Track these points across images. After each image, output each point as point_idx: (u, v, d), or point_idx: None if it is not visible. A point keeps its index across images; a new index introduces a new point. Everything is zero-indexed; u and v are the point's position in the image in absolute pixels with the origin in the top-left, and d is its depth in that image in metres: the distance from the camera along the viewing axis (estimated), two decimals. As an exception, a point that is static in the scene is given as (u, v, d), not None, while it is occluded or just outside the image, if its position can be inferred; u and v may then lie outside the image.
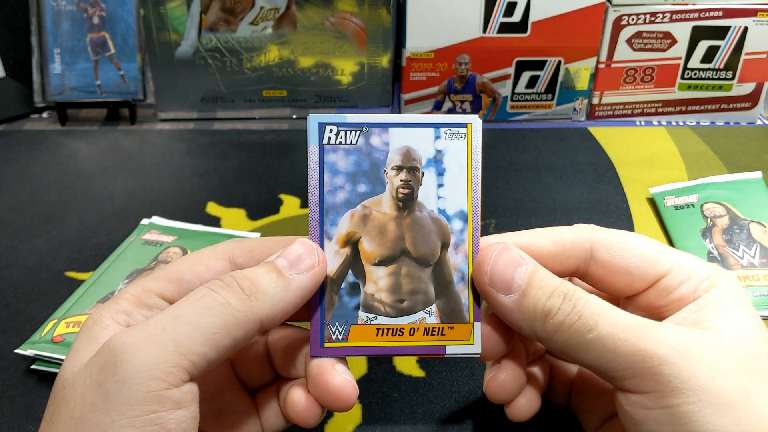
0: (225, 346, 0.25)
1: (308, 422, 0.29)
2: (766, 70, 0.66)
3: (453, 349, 0.29)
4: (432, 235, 0.29)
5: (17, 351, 0.39)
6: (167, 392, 0.23)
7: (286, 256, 0.27)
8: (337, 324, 0.29)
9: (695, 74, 0.66)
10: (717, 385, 0.24)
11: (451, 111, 0.68)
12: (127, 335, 0.24)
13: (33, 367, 0.39)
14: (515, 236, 0.30)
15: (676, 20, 0.63)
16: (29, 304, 0.44)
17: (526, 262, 0.28)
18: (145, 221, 0.51)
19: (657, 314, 0.29)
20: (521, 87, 0.67)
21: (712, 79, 0.66)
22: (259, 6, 0.64)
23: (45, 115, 0.70)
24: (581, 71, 0.66)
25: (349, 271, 0.29)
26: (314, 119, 0.29)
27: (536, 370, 0.33)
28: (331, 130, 0.29)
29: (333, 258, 0.29)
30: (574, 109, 0.68)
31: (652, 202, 0.54)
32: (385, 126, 0.29)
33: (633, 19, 0.63)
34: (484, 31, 0.64)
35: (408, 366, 0.40)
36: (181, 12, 0.64)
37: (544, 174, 0.59)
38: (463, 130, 0.29)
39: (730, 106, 0.68)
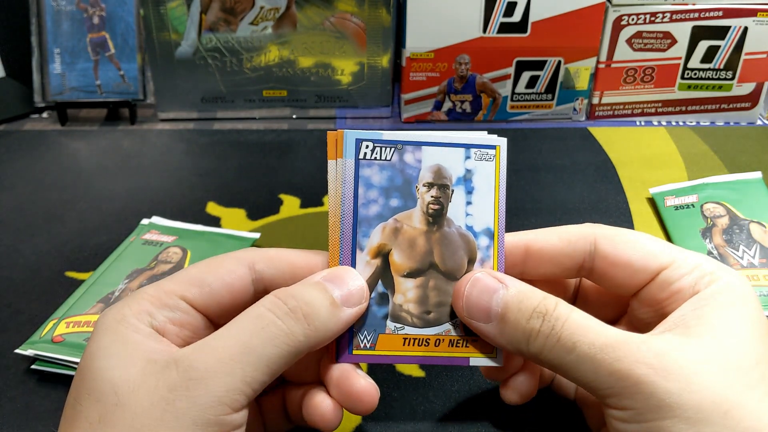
0: (279, 372, 0.26)
1: (332, 425, 0.29)
2: (766, 70, 0.66)
3: (476, 361, 0.30)
4: (459, 251, 0.30)
5: (17, 351, 0.39)
6: (229, 417, 0.25)
7: (337, 284, 0.28)
8: (365, 332, 0.30)
9: (695, 74, 0.66)
10: (694, 400, 0.24)
11: (451, 111, 0.68)
12: (198, 359, 0.25)
13: (33, 367, 0.39)
14: (522, 234, 0.31)
15: (676, 20, 0.63)
16: (29, 304, 0.44)
17: (503, 284, 0.28)
18: (145, 221, 0.51)
19: (661, 309, 0.29)
20: (521, 87, 0.67)
21: (712, 79, 0.66)
22: (259, 6, 0.64)
23: (45, 115, 0.70)
24: (581, 71, 0.66)
25: (379, 282, 0.30)
26: (352, 135, 0.30)
27: None
28: (367, 146, 0.30)
29: (364, 268, 0.30)
30: (574, 109, 0.68)
31: (652, 202, 0.54)
32: (419, 144, 0.30)
33: (633, 19, 0.63)
34: (484, 31, 0.64)
35: (408, 366, 0.40)
36: (181, 12, 0.64)
37: (544, 174, 0.59)
38: (492, 151, 0.31)
39: (730, 106, 0.68)
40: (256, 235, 0.50)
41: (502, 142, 0.31)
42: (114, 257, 0.46)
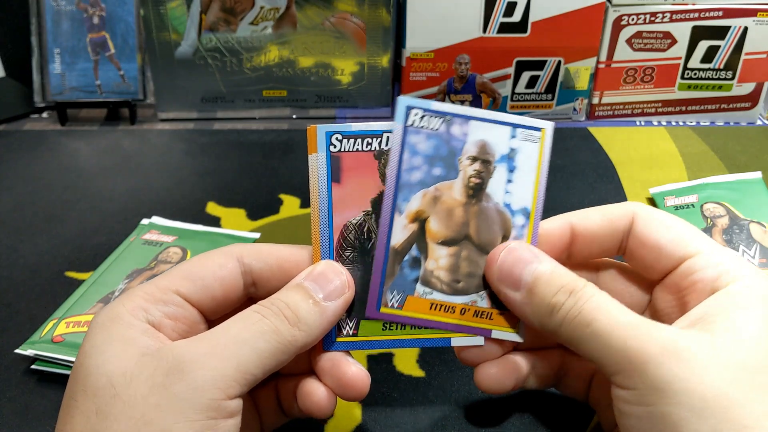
0: (270, 368, 0.27)
1: (327, 412, 0.30)
2: (766, 70, 0.66)
3: (498, 334, 0.31)
4: (494, 226, 0.31)
5: (17, 351, 0.39)
6: (225, 403, 0.25)
7: (319, 282, 0.29)
8: (395, 292, 0.30)
9: (695, 74, 0.66)
10: (701, 390, 0.24)
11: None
12: (193, 347, 0.26)
13: (33, 367, 0.39)
14: (565, 216, 0.32)
15: (676, 20, 0.63)
16: (29, 304, 0.44)
17: (538, 260, 0.29)
18: (145, 221, 0.51)
19: (682, 298, 0.30)
20: (521, 87, 0.67)
21: (712, 79, 0.66)
22: (259, 6, 0.64)
23: (45, 115, 0.70)
24: (581, 71, 0.66)
25: (414, 246, 0.30)
26: (403, 101, 0.30)
27: (521, 357, 0.33)
28: (416, 114, 0.30)
29: (401, 231, 0.30)
30: (574, 109, 0.68)
31: (652, 202, 0.54)
32: (467, 118, 0.31)
33: (633, 19, 0.63)
34: (484, 31, 0.64)
35: (408, 366, 0.40)
36: (181, 12, 0.64)
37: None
38: (537, 133, 0.31)
39: (730, 106, 0.68)
40: (256, 235, 0.50)
41: (548, 126, 0.31)
42: (114, 257, 0.46)
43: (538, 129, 0.31)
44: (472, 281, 0.31)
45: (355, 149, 0.30)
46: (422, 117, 0.30)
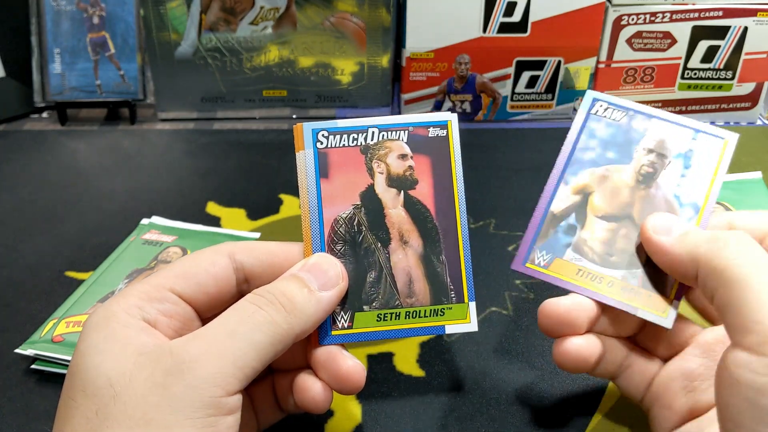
0: (269, 359, 0.27)
1: (323, 406, 0.30)
2: (766, 70, 0.66)
3: (645, 314, 0.31)
4: (660, 211, 0.32)
5: (17, 351, 0.39)
6: (224, 399, 0.25)
7: (313, 272, 0.29)
8: (544, 252, 0.32)
9: (695, 74, 0.66)
10: None
11: (450, 111, 0.68)
12: (191, 345, 0.26)
13: (33, 367, 0.39)
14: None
15: (676, 20, 0.63)
16: (29, 303, 0.44)
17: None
18: (145, 221, 0.51)
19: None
20: (521, 87, 0.67)
21: (712, 79, 0.66)
22: (259, 6, 0.64)
23: (45, 115, 0.70)
24: (581, 71, 0.66)
25: (573, 215, 0.32)
26: (590, 94, 0.34)
27: (600, 339, 0.32)
28: (601, 105, 0.34)
29: (562, 200, 0.32)
30: (574, 109, 0.68)
31: (652, 202, 0.54)
32: (650, 117, 0.33)
33: (633, 19, 0.63)
34: (484, 31, 0.64)
35: (408, 365, 0.40)
36: (181, 12, 0.64)
37: (544, 174, 0.59)
38: (719, 141, 0.33)
39: (730, 105, 0.68)
40: (256, 235, 0.50)
41: (732, 137, 0.33)
42: (114, 257, 0.46)
43: (722, 138, 0.33)
44: (625, 258, 0.31)
45: (341, 145, 0.31)
46: (606, 108, 0.33)
